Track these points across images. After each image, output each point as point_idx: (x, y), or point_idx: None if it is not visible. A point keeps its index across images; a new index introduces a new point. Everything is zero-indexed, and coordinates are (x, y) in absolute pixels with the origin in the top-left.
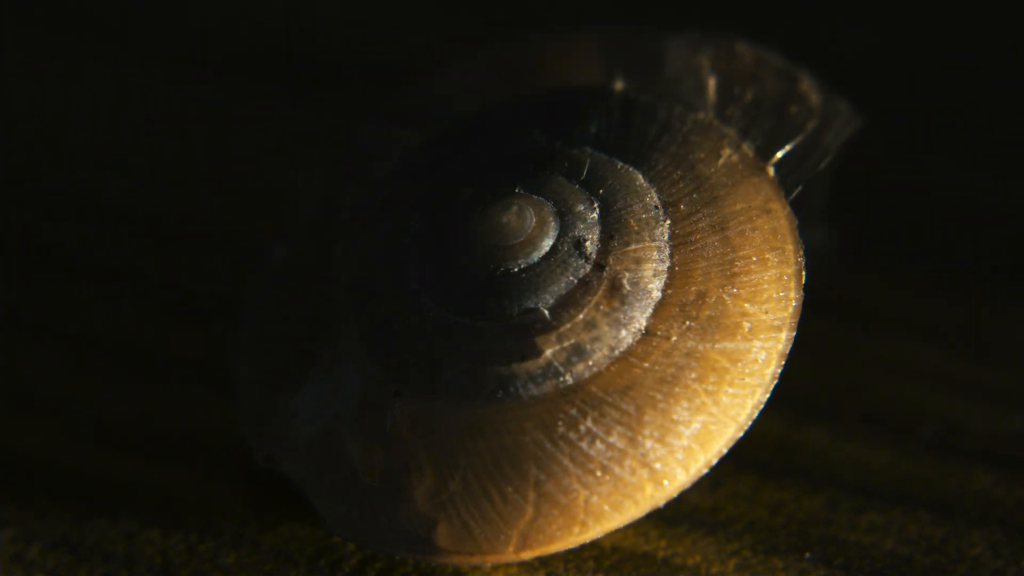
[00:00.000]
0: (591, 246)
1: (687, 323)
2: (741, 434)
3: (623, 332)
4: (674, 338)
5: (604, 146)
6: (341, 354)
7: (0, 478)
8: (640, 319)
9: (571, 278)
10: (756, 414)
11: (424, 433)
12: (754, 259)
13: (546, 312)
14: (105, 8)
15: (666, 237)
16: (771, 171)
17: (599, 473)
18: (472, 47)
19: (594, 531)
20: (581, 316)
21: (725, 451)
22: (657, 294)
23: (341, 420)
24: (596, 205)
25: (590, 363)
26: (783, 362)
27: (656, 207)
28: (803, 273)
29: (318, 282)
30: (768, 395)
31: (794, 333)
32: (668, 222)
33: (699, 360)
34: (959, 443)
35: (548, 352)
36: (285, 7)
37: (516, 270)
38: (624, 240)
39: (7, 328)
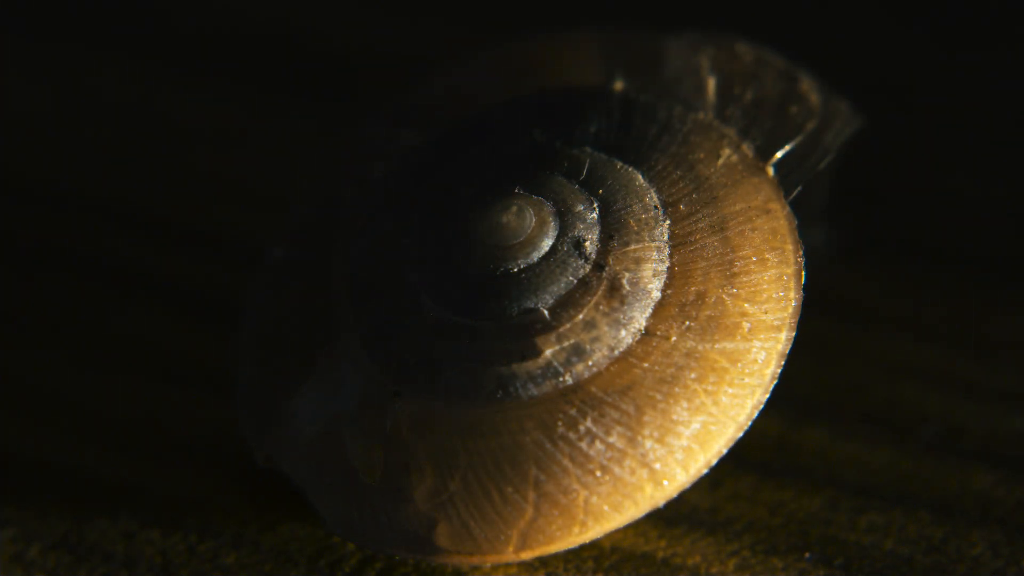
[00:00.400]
0: (591, 246)
1: (687, 323)
2: (741, 434)
3: (623, 332)
4: (674, 338)
5: (604, 146)
6: (341, 354)
7: (0, 478)
8: (640, 319)
9: (571, 278)
10: (756, 414)
11: (424, 433)
12: (754, 259)
13: (546, 312)
14: (106, 9)
15: (666, 237)
16: (771, 171)
17: (599, 473)
18: (472, 47)
19: (594, 531)
20: (581, 316)
21: (725, 451)
22: (657, 294)
23: (341, 420)
24: (596, 205)
25: (590, 363)
26: (783, 362)
27: (656, 207)
28: (803, 273)
29: (318, 282)
30: (768, 395)
31: (794, 333)
32: (668, 222)
33: (699, 360)
34: (959, 443)
35: (548, 352)
36: (285, 8)
37: (516, 270)
38: (624, 240)
39: (7, 328)
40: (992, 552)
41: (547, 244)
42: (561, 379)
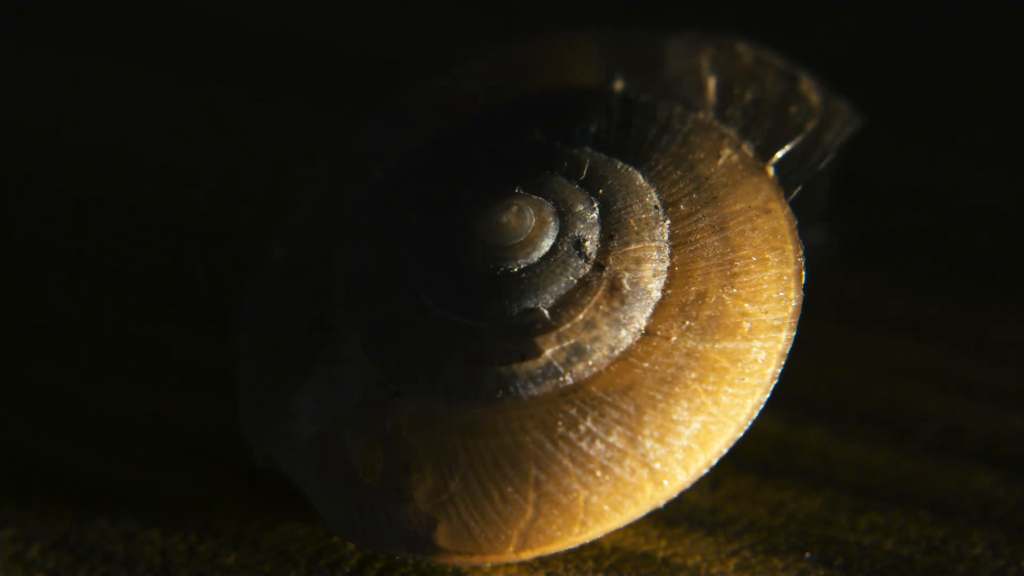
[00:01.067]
0: (591, 246)
1: (687, 323)
2: (741, 434)
3: (623, 332)
4: (674, 338)
5: (604, 146)
6: (341, 354)
7: (0, 478)
8: (640, 319)
9: (571, 278)
10: (756, 414)
11: (424, 433)
12: (754, 259)
13: (546, 312)
14: (106, 9)
15: (666, 237)
16: (771, 171)
17: (599, 473)
18: (472, 47)
19: (594, 531)
20: (581, 316)
21: (725, 451)
22: (657, 294)
23: (341, 420)
24: (596, 205)
25: (590, 363)
26: (783, 362)
27: (656, 207)
28: (803, 273)
29: (318, 282)
30: (768, 395)
31: (794, 333)
32: (668, 222)
33: (699, 360)
34: (959, 443)
35: (548, 352)
36: (285, 7)
37: (516, 270)
38: (624, 240)
39: (7, 328)
40: (992, 552)
41: (547, 244)
42: (561, 379)
